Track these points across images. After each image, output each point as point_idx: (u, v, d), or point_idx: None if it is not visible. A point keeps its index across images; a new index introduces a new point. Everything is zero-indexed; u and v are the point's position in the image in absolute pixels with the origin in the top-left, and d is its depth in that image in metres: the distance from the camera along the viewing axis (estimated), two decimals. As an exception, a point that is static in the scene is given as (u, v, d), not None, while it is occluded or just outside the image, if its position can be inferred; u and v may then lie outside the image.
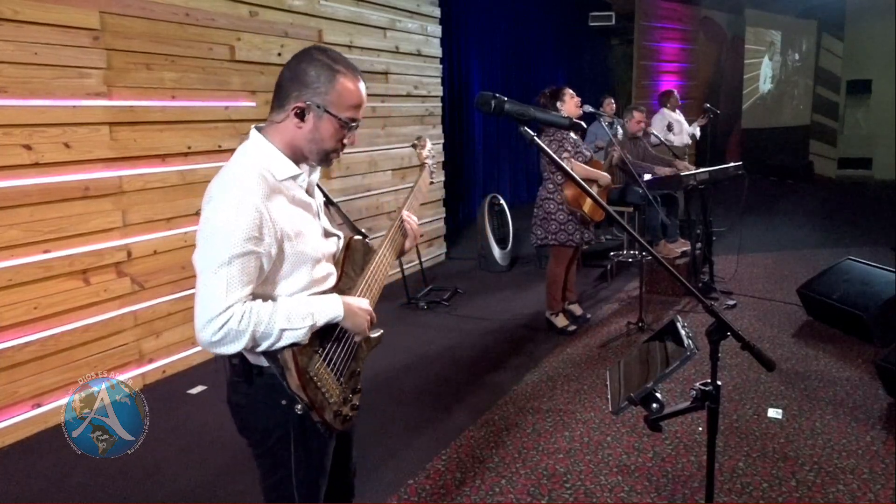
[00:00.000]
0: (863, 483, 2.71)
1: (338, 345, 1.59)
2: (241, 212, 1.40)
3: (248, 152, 1.52)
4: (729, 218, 7.48)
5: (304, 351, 1.49)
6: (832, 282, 4.56)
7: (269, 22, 4.57)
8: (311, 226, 1.58)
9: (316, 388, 1.51)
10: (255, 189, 1.43)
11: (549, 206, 4.42)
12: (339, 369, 1.60)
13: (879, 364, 3.38)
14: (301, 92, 1.48)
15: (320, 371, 1.53)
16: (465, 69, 8.63)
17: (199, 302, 1.40)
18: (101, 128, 3.54)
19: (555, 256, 4.55)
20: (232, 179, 1.45)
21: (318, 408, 1.51)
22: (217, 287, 1.38)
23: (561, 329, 4.57)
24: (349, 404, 1.63)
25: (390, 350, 4.33)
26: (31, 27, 3.20)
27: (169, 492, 2.81)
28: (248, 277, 1.41)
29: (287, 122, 1.51)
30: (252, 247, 1.40)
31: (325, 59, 1.50)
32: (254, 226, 1.40)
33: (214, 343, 1.39)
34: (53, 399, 3.40)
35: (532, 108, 1.48)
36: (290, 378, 1.46)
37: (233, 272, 1.39)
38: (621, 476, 2.81)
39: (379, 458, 2.99)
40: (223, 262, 1.38)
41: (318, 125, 1.51)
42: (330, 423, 1.55)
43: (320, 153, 1.55)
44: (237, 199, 1.41)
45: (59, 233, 3.37)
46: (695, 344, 1.53)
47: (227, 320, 1.37)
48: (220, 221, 1.40)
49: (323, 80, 1.48)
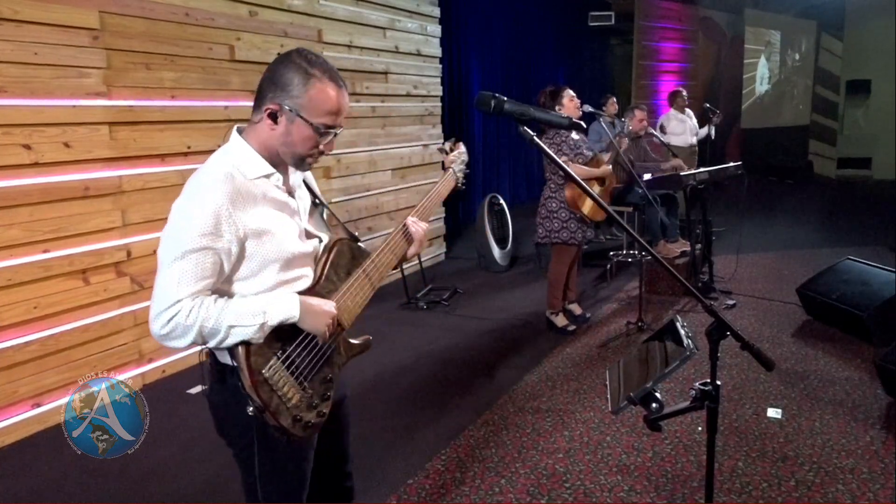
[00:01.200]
0: (862, 483, 2.71)
1: (302, 348, 1.55)
2: (200, 209, 1.41)
3: (224, 152, 1.54)
4: (729, 218, 7.48)
5: (260, 351, 1.46)
6: (831, 281, 4.56)
7: (268, 22, 4.57)
8: (285, 225, 1.56)
9: (271, 390, 1.47)
10: (218, 188, 1.44)
11: (552, 204, 4.43)
12: (304, 373, 1.54)
13: (879, 364, 3.38)
14: (275, 94, 1.48)
15: (276, 373, 1.48)
16: (465, 69, 8.63)
17: (153, 295, 1.43)
18: (101, 127, 3.54)
19: (557, 255, 4.55)
20: (200, 177, 1.48)
21: (272, 411, 1.46)
22: (169, 280, 1.40)
23: (561, 328, 4.57)
24: (315, 411, 1.56)
25: (390, 350, 4.35)
26: (30, 27, 3.20)
27: (169, 492, 2.81)
28: (202, 273, 1.41)
29: (262, 124, 1.51)
30: (208, 243, 1.41)
31: (303, 62, 1.49)
32: (211, 223, 1.41)
33: (163, 336, 1.41)
34: (53, 399, 3.40)
35: (532, 108, 1.48)
36: (244, 378, 1.44)
37: (186, 266, 1.40)
38: (621, 476, 2.81)
39: (379, 457, 2.99)
40: (177, 257, 1.40)
41: (290, 129, 1.50)
42: (287, 429, 1.49)
43: (294, 157, 1.54)
44: (198, 197, 1.43)
45: (59, 232, 3.38)
46: (694, 344, 1.53)
47: (175, 314, 1.38)
48: (180, 217, 1.43)
49: (296, 84, 1.47)
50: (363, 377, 3.78)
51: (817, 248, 6.82)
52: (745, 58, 12.37)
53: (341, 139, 5.51)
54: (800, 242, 7.20)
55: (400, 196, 6.20)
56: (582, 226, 4.42)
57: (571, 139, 4.38)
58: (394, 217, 6.07)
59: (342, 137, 1.71)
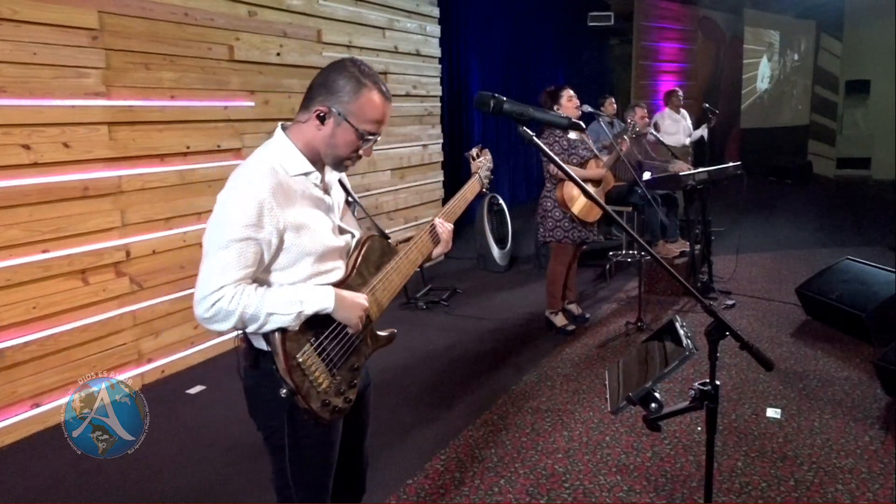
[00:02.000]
0: (861, 482, 2.71)
1: (334, 337, 1.63)
2: (245, 200, 1.49)
3: (268, 147, 1.62)
4: (728, 218, 7.49)
5: (295, 338, 1.55)
6: (831, 281, 4.56)
7: (267, 22, 4.57)
8: (321, 221, 1.64)
9: (303, 374, 1.55)
10: (262, 181, 1.52)
11: (547, 203, 4.44)
12: (334, 360, 1.63)
13: (878, 363, 3.39)
14: (326, 98, 1.57)
15: (309, 359, 1.57)
16: (464, 69, 8.63)
17: (198, 280, 1.51)
18: (100, 127, 3.54)
19: (555, 255, 4.55)
20: (244, 172, 1.56)
21: (303, 394, 1.55)
22: (214, 267, 1.48)
23: (560, 328, 4.57)
24: (342, 397, 1.65)
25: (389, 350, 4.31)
26: (29, 27, 3.20)
27: (168, 492, 2.81)
28: (245, 262, 1.50)
29: (309, 124, 1.60)
30: (251, 233, 1.49)
31: (356, 71, 1.58)
32: (254, 214, 1.49)
33: (206, 319, 1.50)
34: (52, 399, 3.40)
35: (531, 108, 1.48)
36: (278, 362, 1.53)
37: (230, 255, 1.48)
38: (620, 476, 2.81)
39: (378, 457, 2.98)
40: (222, 246, 1.48)
41: (336, 131, 1.59)
42: (316, 412, 1.58)
43: (335, 158, 1.63)
44: (243, 189, 1.51)
45: (58, 232, 3.37)
46: (693, 343, 1.53)
47: (218, 299, 1.47)
48: (225, 208, 1.51)
49: (348, 91, 1.56)
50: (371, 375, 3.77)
51: (816, 248, 6.82)
52: (745, 58, 12.38)
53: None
54: (799, 242, 7.20)
55: (399, 196, 6.20)
56: (577, 225, 4.41)
57: (566, 139, 4.37)
58: (393, 217, 6.08)
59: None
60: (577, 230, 4.41)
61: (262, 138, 4.69)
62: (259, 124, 4.48)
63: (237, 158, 4.34)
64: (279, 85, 4.65)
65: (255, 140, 4.44)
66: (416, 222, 6.37)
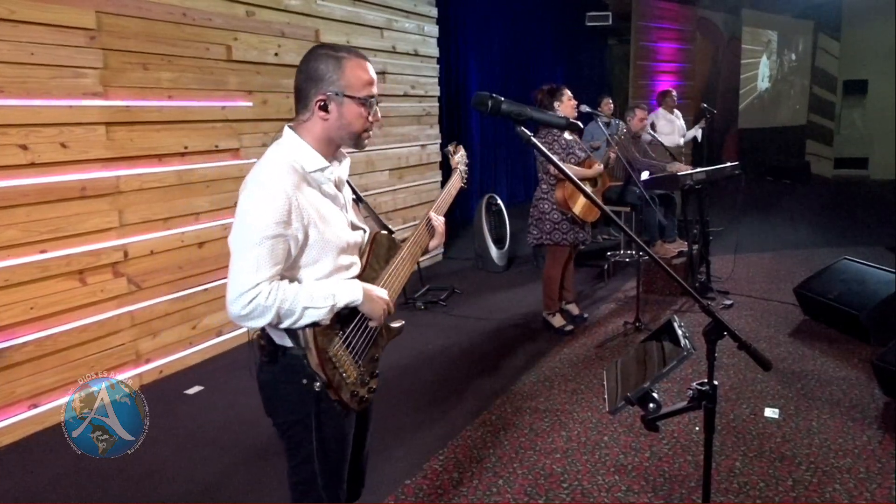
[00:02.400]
0: (859, 482, 2.72)
1: (357, 330, 1.70)
2: (273, 198, 1.52)
3: (281, 146, 1.64)
4: (726, 218, 7.50)
5: (325, 333, 1.60)
6: (829, 281, 4.57)
7: (265, 22, 4.56)
8: (337, 216, 1.69)
9: (334, 367, 1.62)
10: (285, 178, 1.55)
11: (544, 205, 4.43)
12: (359, 352, 1.70)
13: (875, 363, 3.39)
14: (317, 87, 1.60)
15: (339, 353, 1.63)
16: (463, 69, 8.63)
17: (231, 278, 1.53)
18: (98, 128, 3.54)
19: (551, 256, 4.55)
20: (265, 170, 1.58)
21: (335, 387, 1.61)
22: (248, 265, 1.51)
23: (558, 328, 4.57)
24: (366, 387, 1.73)
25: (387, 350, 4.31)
26: (27, 27, 3.20)
27: (166, 493, 2.80)
28: (276, 258, 1.53)
29: (314, 119, 1.62)
30: (281, 230, 1.52)
31: (329, 51, 1.61)
32: (283, 211, 1.52)
33: (243, 317, 1.52)
34: (50, 399, 3.39)
35: (529, 108, 1.48)
36: (311, 357, 1.58)
37: (262, 252, 1.51)
38: (618, 476, 2.81)
39: (376, 457, 2.97)
40: (255, 243, 1.51)
41: (342, 111, 1.62)
42: (346, 403, 1.65)
43: (352, 136, 1.66)
44: (269, 186, 1.53)
45: (56, 233, 3.37)
46: (692, 344, 1.54)
47: (255, 296, 1.50)
48: (254, 207, 1.53)
49: (332, 70, 1.59)
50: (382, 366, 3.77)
51: (814, 248, 6.83)
52: (743, 58, 12.39)
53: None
54: (797, 242, 7.21)
55: (397, 196, 6.20)
56: (574, 227, 4.41)
57: (564, 139, 4.38)
58: (391, 217, 6.07)
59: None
60: (574, 232, 4.42)
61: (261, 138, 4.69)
62: (257, 124, 4.47)
63: (235, 159, 4.33)
64: (277, 85, 4.64)
65: (254, 140, 4.43)
66: (415, 222, 6.29)
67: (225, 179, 4.25)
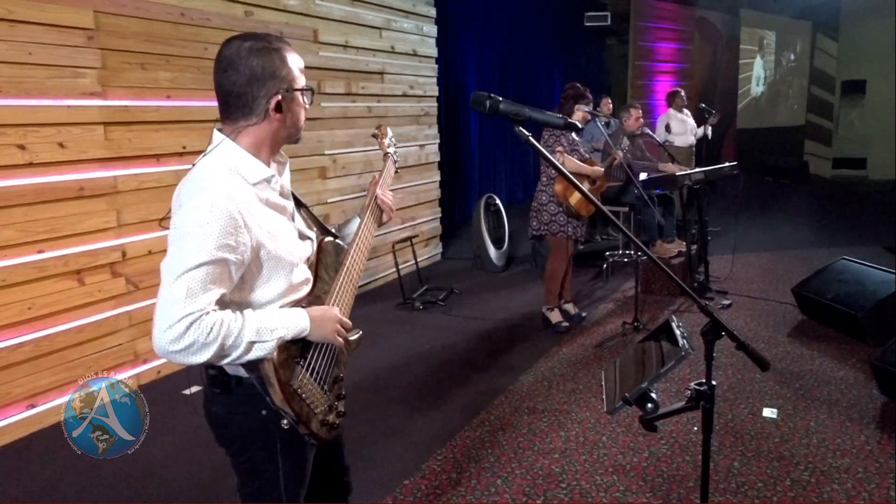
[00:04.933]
0: (857, 482, 2.72)
1: (318, 353, 1.56)
2: (214, 217, 1.33)
3: (217, 157, 1.44)
4: (724, 218, 7.50)
5: (286, 364, 1.45)
6: (827, 281, 4.57)
7: (264, 21, 4.56)
8: (286, 229, 1.53)
9: (301, 400, 1.48)
10: (228, 193, 1.37)
11: (542, 197, 4.51)
12: (322, 378, 1.57)
13: (874, 363, 3.39)
14: (268, 87, 1.43)
15: (304, 382, 1.50)
16: (461, 69, 8.62)
17: (158, 308, 1.31)
18: (96, 128, 3.53)
19: (554, 251, 4.58)
20: (203, 184, 1.38)
21: (304, 420, 1.48)
22: (178, 293, 1.30)
23: (555, 325, 4.58)
24: (334, 412, 1.60)
25: (386, 350, 4.34)
26: (25, 26, 3.19)
27: (163, 493, 2.80)
28: (213, 285, 1.34)
29: (264, 123, 1.46)
30: (224, 254, 1.34)
31: (264, 44, 1.44)
32: (227, 232, 1.34)
33: (176, 352, 1.31)
34: (48, 400, 3.39)
35: (527, 108, 1.48)
36: (274, 394, 1.43)
37: (197, 278, 1.31)
38: (617, 476, 2.81)
39: (374, 457, 2.99)
40: (189, 268, 1.31)
41: (292, 109, 1.49)
42: (317, 433, 1.53)
43: (297, 133, 1.54)
44: (210, 203, 1.34)
45: (54, 233, 3.36)
46: (690, 344, 1.53)
47: (187, 327, 1.29)
48: (191, 226, 1.34)
49: (278, 65, 1.44)
50: (359, 378, 3.77)
51: (813, 249, 6.84)
52: (741, 58, 12.40)
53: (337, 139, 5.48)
54: (795, 242, 7.21)
55: (396, 196, 6.17)
56: (572, 221, 4.44)
57: (571, 136, 4.45)
58: (390, 217, 6.05)
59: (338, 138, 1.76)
60: (571, 225, 4.46)
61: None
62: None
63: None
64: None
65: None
66: (413, 223, 6.36)
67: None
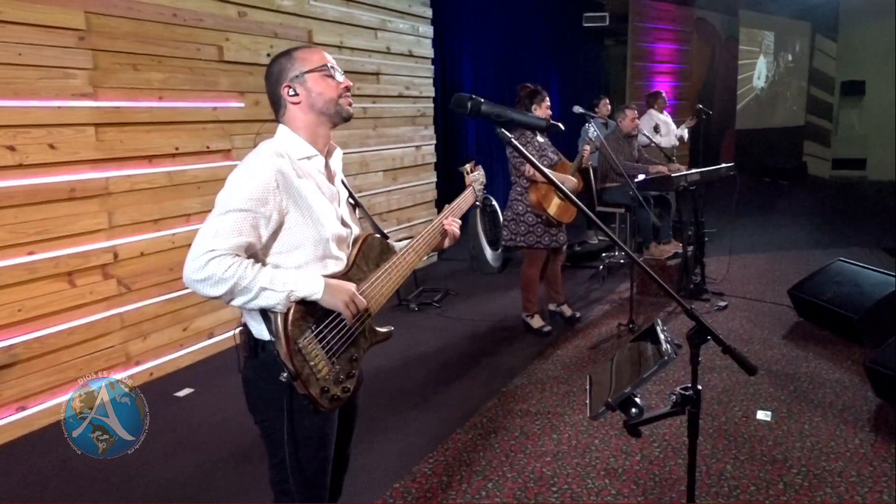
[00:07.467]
0: (850, 486, 2.70)
1: (334, 327, 1.66)
2: (253, 176, 1.58)
3: (270, 139, 1.72)
4: (721, 219, 7.48)
5: (297, 323, 1.58)
6: (823, 283, 4.55)
7: (257, 22, 4.55)
8: (324, 207, 1.69)
9: (303, 360, 1.57)
10: (268, 163, 1.60)
11: (518, 207, 4.40)
12: (334, 349, 1.65)
13: (868, 366, 3.37)
14: (280, 82, 1.70)
15: (310, 345, 1.59)
16: (458, 70, 8.59)
17: (193, 244, 1.54)
18: (87, 129, 3.52)
19: (528, 258, 4.53)
20: (252, 156, 1.66)
21: (302, 379, 1.56)
22: (209, 231, 1.53)
23: (537, 330, 4.55)
24: (341, 385, 1.66)
25: (380, 351, 4.29)
26: (14, 27, 3.18)
27: (155, 495, 2.78)
28: (238, 231, 1.53)
29: (289, 109, 1.71)
30: (252, 206, 1.54)
31: (281, 53, 1.74)
32: (261, 189, 1.56)
33: (196, 281, 1.51)
34: (38, 402, 3.37)
35: (509, 110, 1.47)
36: (279, 346, 1.55)
37: (226, 222, 1.53)
38: (608, 479, 2.80)
39: (365, 460, 2.97)
40: (220, 213, 1.54)
41: (309, 87, 1.69)
42: (315, 398, 1.60)
43: (332, 104, 1.71)
44: (251, 168, 1.60)
45: (45, 234, 3.35)
46: (674, 348, 1.52)
47: (208, 261, 1.49)
48: (232, 183, 1.59)
49: (286, 63, 1.70)
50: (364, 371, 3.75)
51: (809, 250, 6.82)
52: (740, 59, 12.39)
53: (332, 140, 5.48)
54: (792, 244, 7.19)
55: (392, 197, 6.18)
56: (549, 230, 4.38)
57: (537, 141, 4.37)
58: (386, 218, 6.05)
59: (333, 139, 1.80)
60: (549, 235, 4.38)
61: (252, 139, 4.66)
62: (249, 125, 4.45)
63: (226, 160, 4.31)
64: (270, 86, 4.62)
65: (245, 141, 4.41)
66: (409, 223, 6.35)
67: (216, 181, 4.22)
